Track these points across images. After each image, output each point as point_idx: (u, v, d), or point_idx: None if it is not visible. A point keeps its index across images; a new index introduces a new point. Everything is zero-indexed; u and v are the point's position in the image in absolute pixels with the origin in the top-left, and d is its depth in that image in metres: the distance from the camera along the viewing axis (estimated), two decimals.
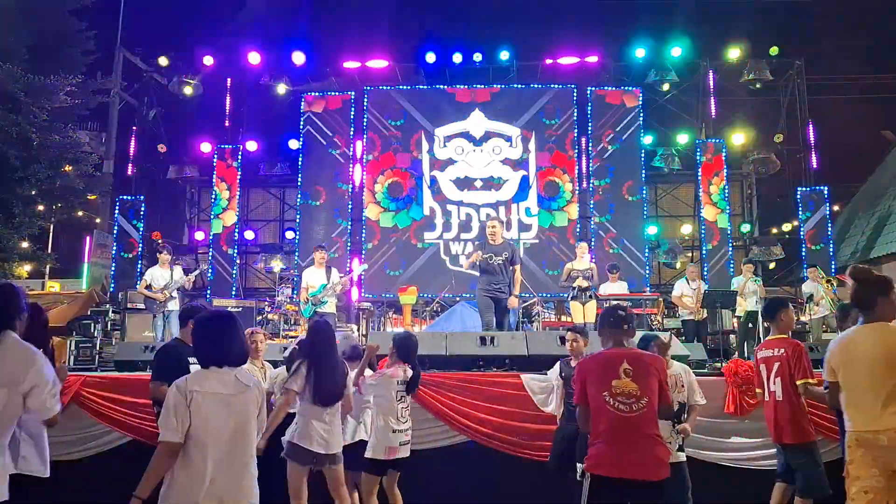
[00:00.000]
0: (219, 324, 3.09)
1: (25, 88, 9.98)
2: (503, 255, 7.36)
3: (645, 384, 3.35)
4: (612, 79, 14.52)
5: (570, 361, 5.26)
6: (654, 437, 3.35)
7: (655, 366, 3.46)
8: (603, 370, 3.43)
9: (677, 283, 10.16)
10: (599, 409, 3.38)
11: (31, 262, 12.99)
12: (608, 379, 3.38)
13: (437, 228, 14.00)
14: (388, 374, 4.70)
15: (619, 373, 3.37)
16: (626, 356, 3.43)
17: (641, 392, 3.33)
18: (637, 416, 3.31)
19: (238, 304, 9.90)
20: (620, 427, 3.32)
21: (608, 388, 3.36)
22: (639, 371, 3.37)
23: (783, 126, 14.46)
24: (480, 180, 14.08)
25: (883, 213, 13.42)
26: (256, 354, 5.23)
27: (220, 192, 14.07)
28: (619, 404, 3.33)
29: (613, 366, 3.40)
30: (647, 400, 3.33)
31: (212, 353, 3.00)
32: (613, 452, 3.30)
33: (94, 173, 12.29)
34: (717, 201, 13.71)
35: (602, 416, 3.37)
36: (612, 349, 3.52)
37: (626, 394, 3.34)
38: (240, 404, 2.96)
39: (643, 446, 3.30)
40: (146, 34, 16.09)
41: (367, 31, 16.10)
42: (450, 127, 14.29)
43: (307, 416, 4.32)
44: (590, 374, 3.49)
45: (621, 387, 3.35)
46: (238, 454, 2.93)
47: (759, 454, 5.62)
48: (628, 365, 3.38)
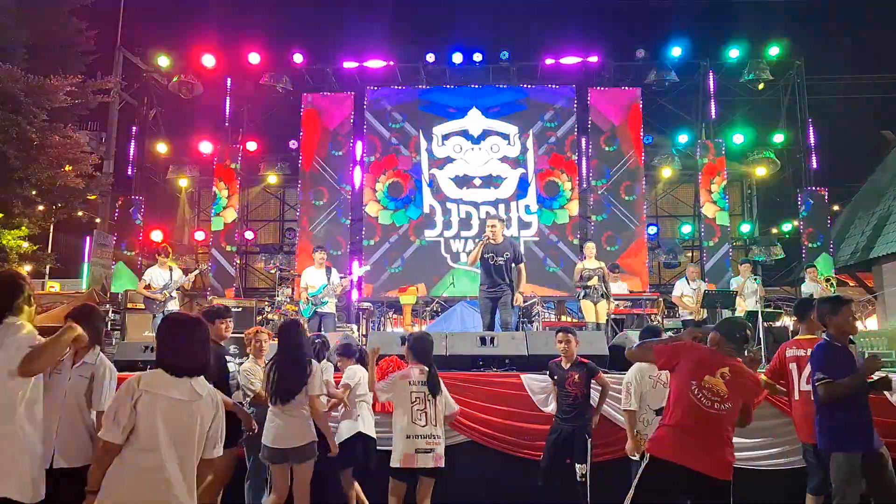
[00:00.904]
0: (184, 331, 3.02)
1: (25, 88, 9.96)
2: (505, 255, 7.27)
3: (735, 393, 3.37)
4: (612, 79, 14.52)
5: (561, 362, 5.26)
6: (727, 439, 3.36)
7: (753, 386, 3.48)
8: (703, 362, 3.44)
9: (677, 282, 10.14)
10: (681, 395, 3.39)
11: (31, 262, 12.98)
12: (704, 372, 3.39)
13: (438, 226, 14.01)
14: (399, 376, 4.56)
15: (716, 372, 3.39)
16: (730, 364, 3.45)
17: (729, 396, 3.35)
18: (717, 415, 3.33)
19: (238, 304, 9.89)
20: (698, 419, 3.33)
21: (699, 379, 3.38)
22: (735, 381, 3.39)
23: (783, 126, 14.47)
24: (479, 178, 14.11)
25: (883, 213, 13.41)
26: (259, 354, 5.23)
27: (220, 192, 14.09)
28: (703, 398, 3.35)
29: (715, 364, 3.42)
30: (731, 406, 3.35)
31: (172, 360, 2.93)
32: (684, 441, 3.30)
33: (94, 173, 12.26)
34: (717, 200, 13.74)
35: (683, 404, 3.38)
36: (721, 354, 3.52)
37: (714, 392, 3.35)
38: (191, 412, 2.88)
39: (715, 444, 3.31)
40: (146, 34, 16.08)
41: (366, 31, 16.11)
42: (448, 125, 14.31)
43: (270, 414, 4.47)
44: (689, 359, 3.48)
45: (712, 384, 3.36)
46: (184, 461, 2.84)
47: (760, 454, 5.62)
48: (729, 372, 3.40)
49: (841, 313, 4.17)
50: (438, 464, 4.41)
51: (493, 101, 14.39)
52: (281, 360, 4.50)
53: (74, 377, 3.81)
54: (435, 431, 4.44)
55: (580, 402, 5.09)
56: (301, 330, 4.72)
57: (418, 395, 4.45)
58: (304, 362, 4.48)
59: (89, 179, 12.00)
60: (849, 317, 4.18)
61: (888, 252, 12.50)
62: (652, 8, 17.00)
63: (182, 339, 2.99)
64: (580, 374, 5.10)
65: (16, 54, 11.66)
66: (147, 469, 2.77)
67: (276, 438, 4.39)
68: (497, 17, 17.74)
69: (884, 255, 12.66)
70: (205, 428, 2.94)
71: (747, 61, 14.10)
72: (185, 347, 2.96)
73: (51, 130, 10.60)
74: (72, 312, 3.94)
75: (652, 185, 15.21)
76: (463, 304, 11.59)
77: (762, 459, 5.59)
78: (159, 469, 2.78)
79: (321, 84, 14.81)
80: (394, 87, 14.67)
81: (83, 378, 3.82)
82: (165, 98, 14.72)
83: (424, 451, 4.36)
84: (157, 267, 8.96)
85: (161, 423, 2.81)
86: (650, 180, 14.94)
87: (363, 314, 10.66)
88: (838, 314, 4.17)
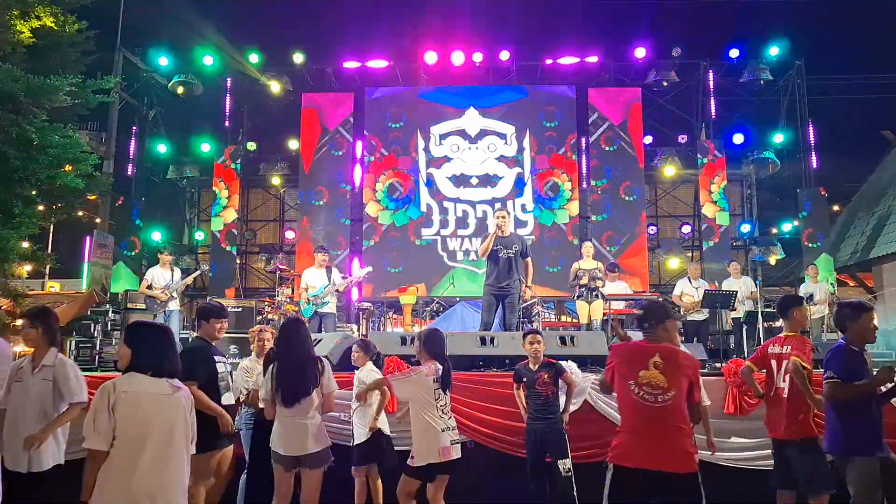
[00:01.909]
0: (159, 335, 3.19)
1: (25, 88, 9.95)
2: (514, 248, 7.18)
3: (674, 379, 3.30)
4: (611, 79, 14.52)
5: (529, 364, 5.29)
6: (681, 428, 3.28)
7: (689, 364, 3.41)
8: (633, 360, 3.40)
9: (679, 282, 10.13)
10: (625, 398, 3.36)
11: (31, 262, 12.97)
12: (637, 369, 3.35)
13: (435, 225, 14.02)
14: (424, 373, 4.40)
15: (649, 364, 3.33)
16: (659, 350, 3.39)
17: (669, 385, 3.29)
18: (662, 407, 3.26)
19: (238, 304, 9.89)
20: (645, 417, 3.28)
21: (635, 377, 3.33)
22: (670, 365, 3.33)
23: (783, 126, 14.47)
24: (476, 177, 14.12)
25: (883, 213, 13.41)
26: (262, 352, 5.19)
27: (220, 192, 14.10)
28: (644, 394, 3.30)
29: (644, 357, 3.37)
30: (675, 394, 3.28)
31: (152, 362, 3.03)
32: (637, 443, 3.25)
33: (94, 173, 12.25)
34: (717, 200, 13.74)
35: (627, 406, 3.35)
36: (647, 342, 3.50)
37: (653, 385, 3.30)
38: (171, 406, 2.98)
39: (669, 437, 3.24)
40: (146, 34, 16.07)
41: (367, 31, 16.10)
42: (445, 125, 14.33)
43: (276, 418, 4.30)
44: (621, 362, 3.46)
45: (648, 378, 3.31)
46: (169, 454, 2.92)
47: (760, 454, 5.62)
48: (660, 359, 3.34)
49: (862, 319, 4.13)
50: (459, 455, 4.43)
51: (493, 101, 14.40)
52: (284, 361, 4.31)
53: (38, 383, 3.97)
54: (454, 423, 4.49)
55: (551, 400, 5.15)
56: (304, 329, 4.57)
57: (438, 390, 4.41)
58: (311, 362, 4.31)
59: (89, 179, 11.99)
60: (870, 323, 4.14)
61: (888, 252, 12.51)
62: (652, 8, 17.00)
63: (158, 342, 3.12)
64: (549, 373, 5.17)
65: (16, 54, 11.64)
66: (137, 468, 2.80)
67: (289, 445, 4.20)
68: (497, 17, 17.73)
69: (884, 255, 12.66)
70: (185, 420, 3.02)
71: (747, 61, 14.11)
72: (161, 350, 3.08)
73: (51, 130, 10.59)
74: (27, 313, 4.12)
75: (652, 185, 15.21)
76: (463, 304, 11.60)
77: (762, 459, 5.59)
78: (151, 466, 2.82)
79: (321, 84, 14.82)
80: (393, 87, 14.67)
81: (46, 381, 3.97)
82: (165, 98, 14.72)
83: (457, 441, 4.40)
84: (159, 267, 8.98)
85: (148, 419, 2.88)
86: (650, 180, 14.94)
87: (363, 314, 10.66)
88: (859, 320, 4.13)
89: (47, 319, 4.11)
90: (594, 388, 5.56)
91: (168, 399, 2.97)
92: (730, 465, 5.71)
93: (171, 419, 2.95)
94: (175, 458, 2.93)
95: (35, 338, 4.07)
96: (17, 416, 3.98)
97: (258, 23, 16.83)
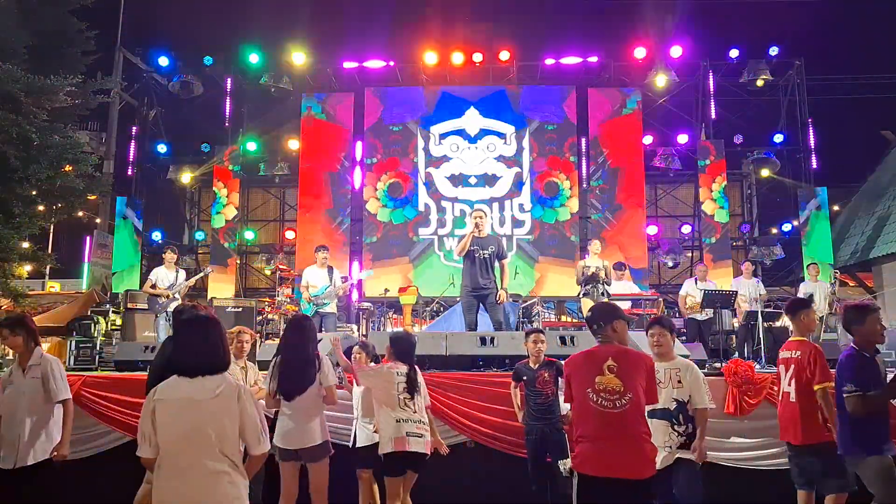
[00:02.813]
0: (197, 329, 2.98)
1: (25, 88, 9.95)
2: (489, 249, 7.11)
3: (630, 381, 3.28)
4: (612, 79, 14.52)
5: (529, 363, 5.29)
6: (640, 434, 3.26)
7: (642, 363, 3.38)
8: (587, 367, 3.37)
9: (686, 282, 10.10)
10: (583, 406, 3.32)
11: (31, 262, 12.97)
12: (592, 376, 3.32)
13: (432, 224, 14.03)
14: (388, 366, 4.54)
15: (604, 369, 3.31)
16: (611, 353, 3.36)
17: (625, 388, 3.26)
18: (621, 413, 3.24)
19: (238, 304, 9.90)
20: (604, 424, 3.25)
21: (592, 384, 3.30)
22: (623, 368, 3.31)
23: (783, 126, 14.47)
24: (475, 177, 14.13)
25: (883, 213, 13.40)
26: (241, 354, 5.20)
27: (220, 192, 14.12)
28: (602, 401, 3.27)
29: (597, 362, 3.34)
30: (631, 396, 3.26)
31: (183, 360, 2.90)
32: (598, 450, 3.24)
33: (94, 173, 12.25)
34: (717, 199, 13.76)
35: (586, 414, 3.32)
36: (598, 346, 3.47)
37: (610, 390, 3.27)
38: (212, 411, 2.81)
39: (627, 444, 3.23)
40: (146, 34, 16.09)
41: (366, 31, 16.10)
42: (445, 124, 14.34)
43: (281, 412, 4.41)
44: (575, 371, 3.45)
45: (604, 383, 3.28)
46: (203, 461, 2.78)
47: (760, 454, 5.62)
48: (613, 361, 3.31)
49: (867, 322, 4.05)
50: (428, 450, 4.46)
51: (493, 101, 14.40)
52: (287, 356, 4.42)
53: (28, 382, 4.33)
54: (423, 418, 4.49)
55: (551, 400, 5.13)
56: (310, 326, 4.66)
57: (403, 385, 4.47)
58: (312, 358, 4.41)
59: (89, 179, 11.99)
60: (875, 325, 4.06)
61: (888, 252, 12.50)
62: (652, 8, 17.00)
63: (195, 338, 2.96)
64: (549, 372, 5.16)
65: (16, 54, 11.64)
66: (171, 476, 2.79)
67: (288, 438, 4.31)
68: (497, 17, 17.73)
69: (884, 255, 12.65)
70: (231, 424, 2.85)
71: (747, 61, 14.11)
72: (197, 347, 2.92)
73: (51, 130, 10.59)
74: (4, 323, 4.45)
75: (652, 185, 15.21)
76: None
77: (762, 459, 5.59)
78: (182, 474, 2.78)
79: (321, 84, 14.81)
80: (394, 87, 14.66)
81: (36, 379, 4.33)
82: (165, 98, 14.73)
83: (416, 434, 4.38)
84: (164, 267, 9.00)
85: (176, 428, 2.80)
86: (650, 180, 14.94)
87: (363, 314, 10.66)
88: (864, 323, 4.05)
89: (25, 324, 4.44)
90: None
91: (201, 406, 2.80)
92: (730, 465, 5.71)
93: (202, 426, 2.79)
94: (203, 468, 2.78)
95: (20, 344, 4.39)
96: (13, 416, 4.28)
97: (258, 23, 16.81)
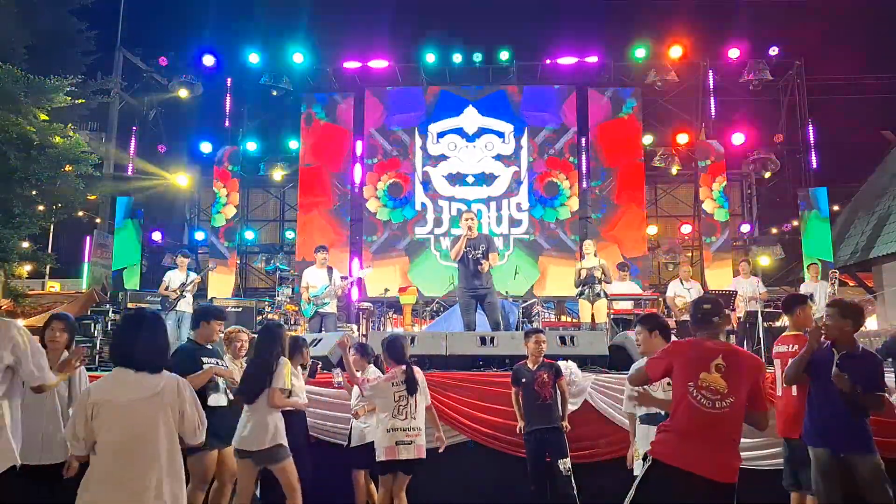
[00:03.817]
0: (140, 326, 3.02)
1: (25, 88, 9.96)
2: (481, 249, 7.18)
3: (736, 384, 3.18)
4: (611, 79, 14.52)
5: (528, 364, 5.29)
6: (731, 439, 3.20)
7: (752, 367, 3.27)
8: (695, 360, 3.26)
9: (671, 283, 10.08)
10: (681, 398, 3.24)
11: (31, 262, 12.98)
12: (698, 371, 3.22)
13: (429, 224, 14.02)
14: (384, 379, 4.71)
15: (710, 367, 3.20)
16: (722, 351, 3.26)
17: (730, 391, 3.16)
18: (718, 415, 3.15)
19: (238, 304, 9.91)
20: (699, 422, 3.17)
21: (695, 379, 3.20)
22: (732, 370, 3.19)
23: (783, 126, 14.47)
24: (472, 176, 14.13)
25: (883, 213, 13.40)
26: (238, 353, 5.20)
27: (220, 192, 14.12)
28: (702, 398, 3.17)
29: (706, 358, 3.23)
30: (734, 400, 3.16)
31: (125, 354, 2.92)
32: (686, 445, 3.16)
33: (94, 173, 12.26)
34: (717, 199, 13.76)
35: (682, 407, 3.23)
36: (709, 341, 3.34)
37: (713, 390, 3.17)
38: (152, 409, 2.84)
39: (718, 446, 3.15)
40: (146, 34, 16.08)
41: (367, 31, 16.08)
42: (443, 123, 14.35)
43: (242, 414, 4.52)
44: (679, 360, 3.32)
45: (709, 381, 3.18)
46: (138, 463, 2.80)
47: (759, 454, 5.61)
48: (722, 361, 3.20)
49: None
50: (420, 455, 4.57)
51: (493, 101, 14.40)
52: (250, 360, 4.64)
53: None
54: (414, 424, 4.60)
55: (549, 401, 5.13)
56: (279, 331, 4.70)
57: (401, 393, 4.61)
58: (270, 362, 4.45)
59: (89, 179, 11.99)
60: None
61: (888, 252, 12.50)
62: (651, 7, 16.99)
63: (137, 333, 2.97)
64: (548, 373, 5.17)
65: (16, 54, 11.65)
66: (105, 477, 2.78)
67: (241, 440, 4.39)
68: (497, 17, 17.73)
69: (884, 255, 12.65)
70: (171, 419, 2.90)
71: (747, 61, 14.11)
72: (140, 342, 2.94)
73: (51, 130, 10.60)
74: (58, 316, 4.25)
75: (652, 185, 15.21)
76: None
77: (762, 459, 5.58)
78: (116, 475, 2.78)
79: (321, 84, 14.82)
80: (394, 87, 14.66)
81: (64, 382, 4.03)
82: (165, 98, 14.72)
83: (405, 442, 4.53)
84: (177, 270, 9.27)
85: (115, 429, 2.79)
86: (650, 180, 14.94)
87: (363, 314, 10.66)
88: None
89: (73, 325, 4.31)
90: (594, 388, 5.55)
91: (140, 405, 2.83)
92: None
93: (142, 426, 2.82)
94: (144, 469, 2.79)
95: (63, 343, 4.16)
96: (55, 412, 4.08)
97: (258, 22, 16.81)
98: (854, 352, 4.07)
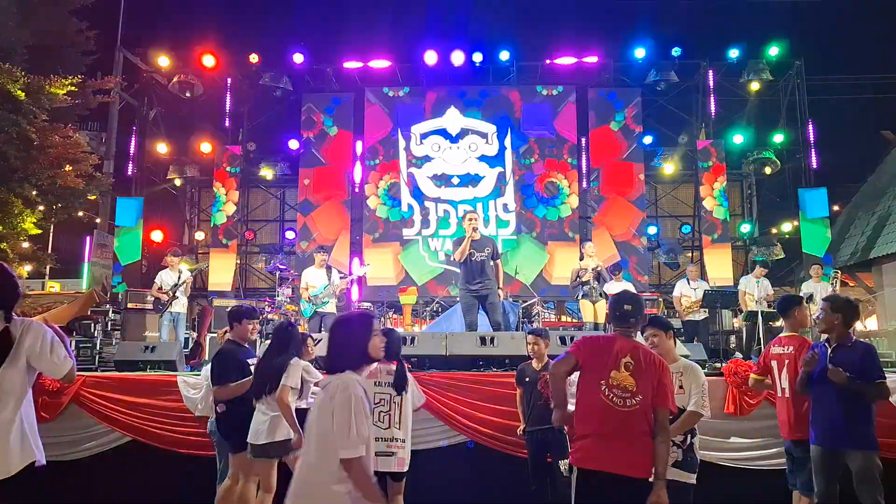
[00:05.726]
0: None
1: (25, 88, 9.97)
2: (485, 251, 7.20)
3: (643, 383, 3.24)
4: (611, 79, 14.52)
5: (532, 364, 5.29)
6: (643, 434, 3.22)
7: (658, 367, 3.32)
8: (605, 358, 3.31)
9: (678, 283, 10.13)
10: (593, 397, 3.26)
11: (31, 262, 12.99)
12: (608, 368, 3.27)
13: (416, 225, 14.02)
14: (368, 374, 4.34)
15: (620, 365, 3.26)
16: (630, 349, 3.31)
17: (638, 389, 3.23)
18: (628, 412, 3.21)
19: (238, 304, 9.89)
20: (613, 421, 3.21)
21: (606, 377, 3.25)
22: (640, 368, 3.26)
23: (783, 126, 14.46)
24: (457, 177, 14.11)
25: (883, 213, 13.40)
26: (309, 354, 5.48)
27: (220, 192, 14.12)
28: (614, 396, 3.22)
29: (616, 356, 3.28)
30: (642, 398, 3.22)
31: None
32: (601, 446, 3.20)
33: (94, 173, 12.27)
34: (717, 197, 13.76)
35: (595, 407, 3.26)
36: (619, 338, 3.40)
37: (623, 387, 3.23)
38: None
39: (632, 442, 3.19)
40: (146, 34, 16.09)
41: (367, 31, 16.12)
42: (426, 124, 14.32)
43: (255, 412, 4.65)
44: (591, 357, 3.35)
45: (619, 379, 3.24)
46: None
47: (759, 454, 5.63)
48: (630, 359, 3.27)
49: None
50: (400, 468, 4.27)
51: (493, 101, 14.39)
52: (263, 358, 4.70)
53: None
54: (397, 434, 4.28)
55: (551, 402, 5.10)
56: (292, 332, 4.83)
57: (383, 395, 4.31)
58: (283, 360, 4.57)
59: (89, 179, 12.00)
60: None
61: (888, 252, 12.49)
62: (652, 7, 17.01)
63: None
64: None
65: (16, 54, 11.65)
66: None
67: (255, 433, 4.53)
68: (497, 17, 17.76)
69: (884, 255, 12.65)
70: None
71: (747, 61, 14.10)
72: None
73: (51, 130, 10.61)
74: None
75: (651, 185, 15.20)
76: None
77: (762, 459, 5.60)
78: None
79: (321, 84, 14.81)
80: (394, 88, 14.65)
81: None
82: (165, 98, 14.70)
83: (384, 454, 4.20)
84: (169, 269, 9.16)
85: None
86: (650, 180, 14.93)
87: None
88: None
89: None
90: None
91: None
92: (730, 465, 5.72)
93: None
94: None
95: None
96: None
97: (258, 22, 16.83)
98: (845, 343, 4.15)
